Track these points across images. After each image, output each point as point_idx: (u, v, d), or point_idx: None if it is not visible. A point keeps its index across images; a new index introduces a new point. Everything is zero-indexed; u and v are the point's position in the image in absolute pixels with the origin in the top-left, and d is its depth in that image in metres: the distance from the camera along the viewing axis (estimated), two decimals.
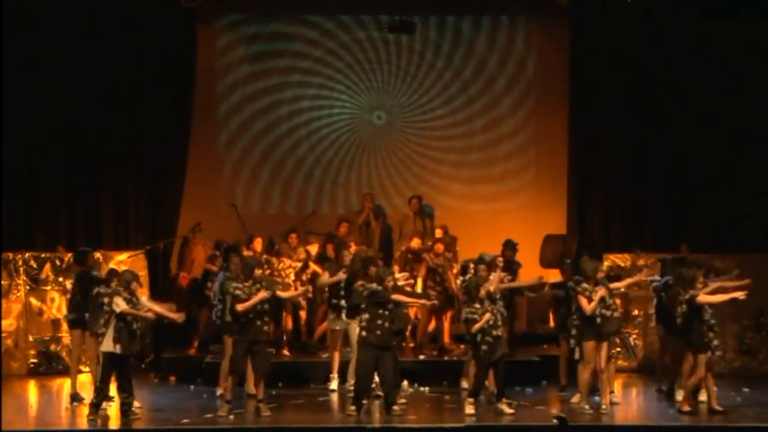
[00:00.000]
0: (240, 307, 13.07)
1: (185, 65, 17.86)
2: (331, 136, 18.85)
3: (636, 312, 16.64)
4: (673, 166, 17.87)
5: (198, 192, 18.14)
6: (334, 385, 14.83)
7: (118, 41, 17.39)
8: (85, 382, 14.54)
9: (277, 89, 18.74)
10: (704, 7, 17.41)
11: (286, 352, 15.98)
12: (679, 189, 17.85)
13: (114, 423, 13.12)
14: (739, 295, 13.27)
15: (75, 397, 14.15)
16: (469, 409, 13.22)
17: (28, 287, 16.61)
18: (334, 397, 14.60)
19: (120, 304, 12.97)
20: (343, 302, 14.47)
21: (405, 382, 14.59)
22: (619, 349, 16.42)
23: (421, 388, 14.99)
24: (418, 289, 15.63)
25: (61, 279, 16.41)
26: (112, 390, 13.43)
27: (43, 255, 16.70)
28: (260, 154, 18.76)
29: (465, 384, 14.47)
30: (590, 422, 13.05)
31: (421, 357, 15.90)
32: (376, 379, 13.53)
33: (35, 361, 16.56)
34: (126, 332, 13.00)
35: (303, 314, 16.42)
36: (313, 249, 16.55)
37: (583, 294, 13.29)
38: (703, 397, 13.79)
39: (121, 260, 16.61)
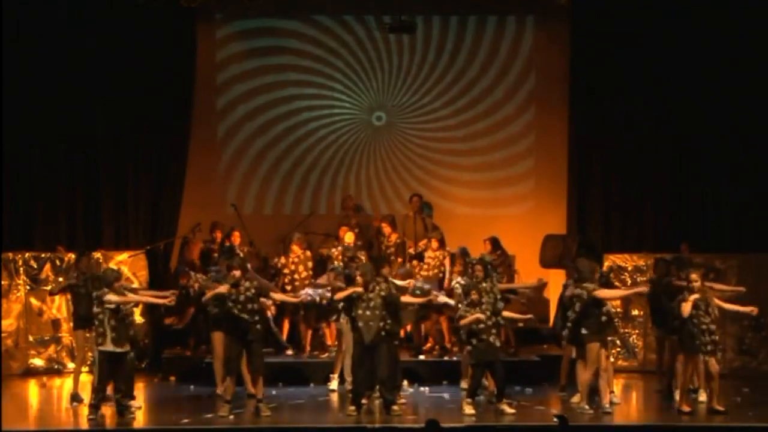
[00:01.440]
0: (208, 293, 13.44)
1: (185, 67, 17.81)
2: (330, 137, 18.81)
3: (636, 312, 16.62)
4: (673, 166, 17.85)
5: (198, 192, 18.13)
6: (334, 385, 14.83)
7: (118, 41, 17.37)
8: (86, 382, 14.54)
9: (275, 88, 18.70)
10: (705, 8, 17.40)
11: (288, 352, 16.02)
12: (679, 189, 17.83)
13: (114, 423, 13.12)
14: (750, 310, 13.32)
15: (75, 398, 14.14)
16: (469, 410, 13.24)
17: (28, 287, 16.60)
18: (334, 397, 14.61)
19: (111, 298, 12.99)
20: None
21: (405, 382, 14.59)
22: (619, 349, 16.48)
23: (421, 388, 15.00)
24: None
25: (61, 279, 16.39)
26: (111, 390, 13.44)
27: (43, 255, 16.70)
28: (258, 154, 18.72)
29: (464, 384, 14.46)
30: (590, 422, 13.05)
31: (421, 357, 15.90)
32: None
33: (35, 361, 16.58)
34: (122, 328, 13.01)
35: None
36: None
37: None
38: (702, 397, 13.80)
39: (121, 260, 16.61)
